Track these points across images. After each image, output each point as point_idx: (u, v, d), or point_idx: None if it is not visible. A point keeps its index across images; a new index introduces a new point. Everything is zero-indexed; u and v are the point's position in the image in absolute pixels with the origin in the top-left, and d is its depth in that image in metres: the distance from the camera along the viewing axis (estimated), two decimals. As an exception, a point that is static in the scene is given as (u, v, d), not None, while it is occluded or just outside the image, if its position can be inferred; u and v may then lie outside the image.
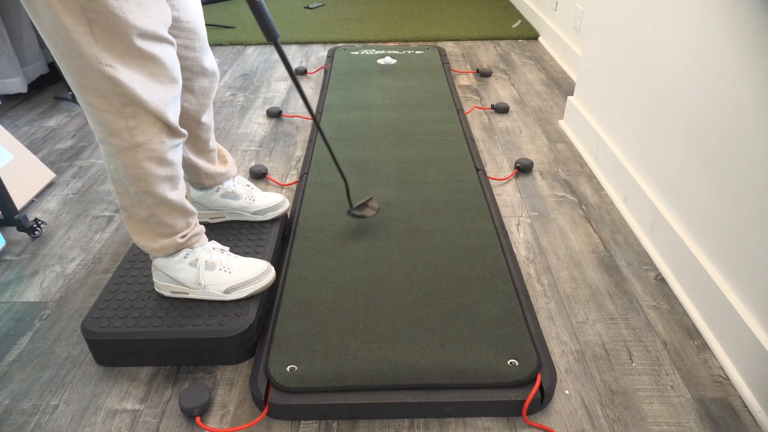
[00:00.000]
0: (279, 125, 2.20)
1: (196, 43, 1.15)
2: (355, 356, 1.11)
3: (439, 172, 1.75)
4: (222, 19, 3.46)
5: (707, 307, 1.23)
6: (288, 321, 1.20)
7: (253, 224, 1.45)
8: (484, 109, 2.29)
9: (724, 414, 1.07)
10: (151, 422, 1.06)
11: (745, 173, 1.13)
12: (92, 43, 0.88)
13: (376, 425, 1.05)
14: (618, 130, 1.72)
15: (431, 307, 1.23)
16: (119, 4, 0.87)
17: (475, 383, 1.05)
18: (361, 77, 2.51)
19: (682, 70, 1.35)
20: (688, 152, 1.33)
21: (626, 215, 1.61)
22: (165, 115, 0.99)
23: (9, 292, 1.39)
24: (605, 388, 1.12)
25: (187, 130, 1.24)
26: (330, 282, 1.30)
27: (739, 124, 1.14)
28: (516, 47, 3.01)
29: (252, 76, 2.70)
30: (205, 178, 1.36)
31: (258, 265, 1.23)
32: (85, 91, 0.94)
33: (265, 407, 1.06)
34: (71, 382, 1.15)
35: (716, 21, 1.21)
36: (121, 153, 1.00)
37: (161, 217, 1.10)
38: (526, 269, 1.43)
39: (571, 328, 1.26)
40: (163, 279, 1.19)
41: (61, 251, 1.53)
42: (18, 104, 2.42)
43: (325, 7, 3.75)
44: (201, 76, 1.20)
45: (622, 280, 1.39)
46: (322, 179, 1.72)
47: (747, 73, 1.12)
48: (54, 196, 1.78)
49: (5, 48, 2.27)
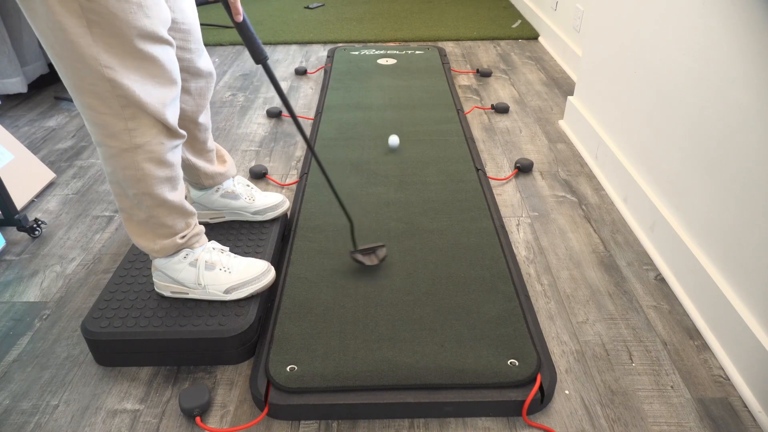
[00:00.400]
0: (279, 125, 2.20)
1: (191, 44, 1.15)
2: (355, 356, 1.11)
3: (439, 172, 1.75)
4: (222, 19, 3.46)
5: (707, 307, 1.23)
6: (288, 321, 1.20)
7: (253, 224, 1.45)
8: (484, 109, 2.29)
9: (724, 414, 1.07)
10: (151, 422, 1.06)
11: (746, 173, 1.13)
12: (91, 44, 0.88)
13: (376, 425, 1.05)
14: (618, 130, 1.72)
15: (431, 307, 1.23)
16: (120, 5, 0.86)
17: (475, 383, 1.05)
18: (361, 77, 2.51)
19: (682, 70, 1.35)
20: (689, 152, 1.33)
21: (626, 215, 1.61)
22: (164, 116, 0.99)
23: (9, 292, 1.39)
24: (605, 388, 1.12)
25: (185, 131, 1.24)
26: (330, 282, 1.30)
27: (740, 124, 1.14)
28: (516, 47, 3.01)
29: (252, 76, 2.70)
30: (205, 179, 1.36)
31: (258, 265, 1.23)
32: (83, 93, 0.93)
33: (265, 407, 1.06)
34: (71, 382, 1.15)
35: (717, 21, 1.21)
36: (120, 155, 1.00)
37: (161, 218, 1.10)
38: (526, 269, 1.43)
39: (571, 328, 1.26)
40: (163, 279, 1.19)
41: (61, 251, 1.53)
42: (18, 104, 2.42)
43: (325, 7, 3.75)
44: (197, 77, 1.20)
45: (622, 280, 1.39)
46: (322, 179, 1.72)
47: (747, 73, 1.12)
48: (54, 196, 1.78)
49: (5, 48, 2.27)
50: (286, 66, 2.80)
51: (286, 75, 2.70)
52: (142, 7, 0.89)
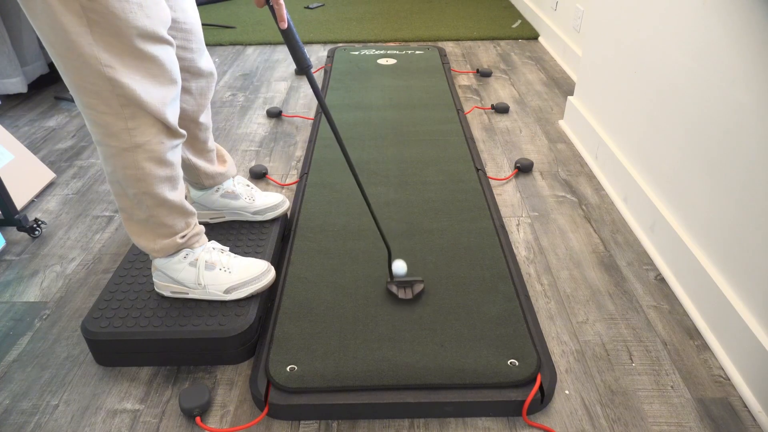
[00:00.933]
0: (279, 125, 2.20)
1: (192, 44, 1.15)
2: (355, 356, 1.11)
3: (439, 172, 1.75)
4: (222, 19, 3.46)
5: (707, 307, 1.23)
6: (288, 321, 1.20)
7: (253, 224, 1.45)
8: (484, 109, 2.29)
9: (724, 414, 1.06)
10: (151, 422, 1.06)
11: (746, 173, 1.13)
12: (92, 43, 0.88)
13: (376, 425, 1.05)
14: (618, 130, 1.72)
15: (431, 307, 1.23)
16: (121, 5, 0.86)
17: (475, 383, 1.05)
18: (361, 77, 2.51)
19: (682, 70, 1.35)
20: (689, 152, 1.33)
21: (626, 215, 1.61)
22: (164, 115, 0.99)
23: (9, 292, 1.39)
24: (605, 388, 1.12)
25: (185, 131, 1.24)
26: (330, 282, 1.30)
27: (740, 124, 1.14)
28: (516, 47, 3.01)
29: (252, 76, 2.70)
30: (205, 178, 1.36)
31: (258, 265, 1.23)
32: (83, 92, 0.93)
33: (265, 407, 1.06)
34: (71, 382, 1.15)
35: (716, 21, 1.21)
36: (120, 154, 1.00)
37: (161, 217, 1.10)
38: (526, 269, 1.43)
39: (571, 328, 1.26)
40: (163, 279, 1.19)
41: (61, 251, 1.53)
42: (18, 104, 2.42)
43: (325, 7, 3.75)
44: (198, 76, 1.20)
45: (622, 280, 1.39)
46: (322, 179, 1.72)
47: (747, 73, 1.12)
48: (54, 196, 1.78)
49: (5, 48, 2.27)
50: (286, 66, 2.80)
51: (286, 75, 2.70)
52: (142, 7, 0.90)
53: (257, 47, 3.08)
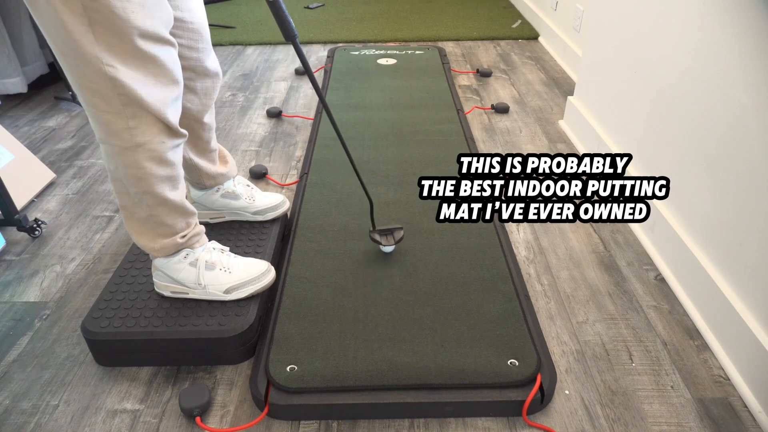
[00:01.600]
0: (279, 125, 2.20)
1: (199, 44, 1.15)
2: (355, 356, 1.11)
3: (439, 172, 1.75)
4: (222, 19, 3.46)
5: (707, 307, 1.23)
6: (288, 321, 1.20)
7: (253, 224, 1.45)
8: (484, 109, 2.29)
9: (724, 414, 1.07)
10: (151, 422, 1.06)
11: (745, 173, 1.13)
12: (93, 42, 0.88)
13: (376, 425, 1.05)
14: (618, 130, 1.72)
15: (431, 307, 1.23)
16: (122, 5, 0.87)
17: (475, 383, 1.05)
18: (361, 77, 2.51)
19: (682, 69, 1.35)
20: (688, 152, 1.33)
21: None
22: (165, 115, 0.99)
23: (9, 292, 1.39)
24: (605, 388, 1.12)
25: (188, 130, 1.24)
26: (330, 282, 1.30)
27: (739, 124, 1.14)
28: (516, 47, 3.01)
29: (252, 76, 2.70)
30: (206, 179, 1.36)
31: (258, 265, 1.23)
32: (86, 90, 0.94)
33: (265, 407, 1.06)
34: (71, 382, 1.15)
35: (716, 21, 1.22)
36: (122, 153, 1.00)
37: (161, 217, 1.10)
38: (526, 269, 1.43)
39: (571, 328, 1.26)
40: (163, 279, 1.19)
41: (61, 251, 1.53)
42: (18, 104, 2.42)
43: (325, 7, 3.75)
44: (204, 76, 1.20)
45: (622, 280, 1.39)
46: (322, 179, 1.72)
47: (747, 73, 1.12)
48: (54, 196, 1.78)
49: (5, 48, 2.27)
50: (286, 66, 2.80)
51: (286, 75, 2.70)
52: (144, 8, 0.90)
53: (257, 47, 3.08)
